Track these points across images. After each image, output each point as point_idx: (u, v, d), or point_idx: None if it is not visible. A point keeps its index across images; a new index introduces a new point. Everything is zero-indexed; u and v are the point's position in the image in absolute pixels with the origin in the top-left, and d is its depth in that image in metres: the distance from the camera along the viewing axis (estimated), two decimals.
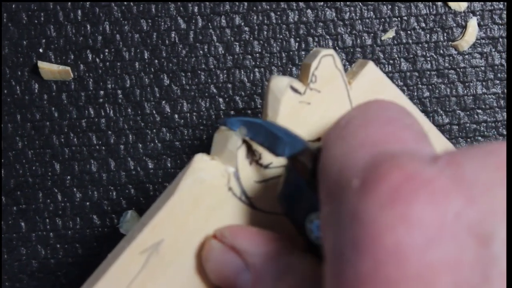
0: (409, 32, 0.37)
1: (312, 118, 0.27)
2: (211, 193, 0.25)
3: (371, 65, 0.28)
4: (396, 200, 0.18)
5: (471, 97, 0.37)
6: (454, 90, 0.37)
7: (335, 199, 0.20)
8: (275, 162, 0.26)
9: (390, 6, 0.37)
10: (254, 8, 0.37)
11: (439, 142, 0.29)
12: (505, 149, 0.18)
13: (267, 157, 0.26)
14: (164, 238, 0.24)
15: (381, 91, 0.28)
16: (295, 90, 0.26)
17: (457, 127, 0.37)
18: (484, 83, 0.37)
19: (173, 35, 0.37)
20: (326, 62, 0.27)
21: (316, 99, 0.27)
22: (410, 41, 0.37)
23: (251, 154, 0.26)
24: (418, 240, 0.17)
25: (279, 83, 0.26)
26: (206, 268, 0.25)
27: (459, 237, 0.17)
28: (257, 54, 0.37)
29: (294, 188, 0.24)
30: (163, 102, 0.37)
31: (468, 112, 0.37)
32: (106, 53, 0.37)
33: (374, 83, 0.28)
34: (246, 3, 0.37)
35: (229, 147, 0.25)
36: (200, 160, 0.25)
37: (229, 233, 0.25)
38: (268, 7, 0.37)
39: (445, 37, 0.37)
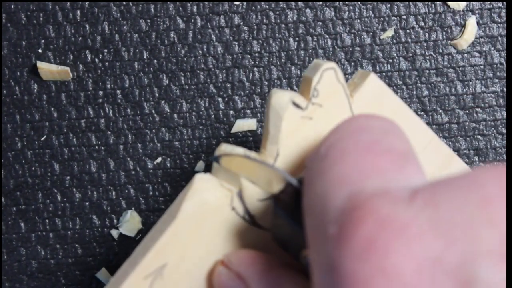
0: (408, 31, 0.37)
1: (315, 133, 0.26)
2: (214, 214, 0.25)
3: (372, 76, 0.27)
4: (372, 251, 0.17)
5: (470, 96, 0.37)
6: (453, 89, 0.37)
7: (317, 241, 0.19)
8: None
9: (389, 5, 0.37)
10: (253, 7, 0.37)
11: (441, 152, 0.29)
12: (490, 179, 0.17)
13: None
14: (168, 262, 0.24)
15: (384, 102, 0.28)
16: (296, 105, 0.25)
17: (456, 125, 0.37)
18: (483, 81, 0.37)
19: (172, 35, 0.37)
20: (327, 76, 0.26)
21: (318, 113, 0.26)
22: (409, 40, 0.37)
23: None
24: None
25: (281, 99, 0.25)
26: None
27: (439, 284, 0.16)
28: (256, 54, 0.37)
29: (282, 226, 0.23)
30: (162, 102, 0.37)
31: (467, 111, 0.37)
32: (105, 53, 0.37)
33: (376, 94, 0.27)
34: (245, 3, 0.37)
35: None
36: (201, 180, 0.25)
37: (235, 260, 0.24)
38: (267, 6, 0.37)
39: (444, 36, 0.37)
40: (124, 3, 0.37)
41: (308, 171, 0.22)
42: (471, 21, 0.37)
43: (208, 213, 0.25)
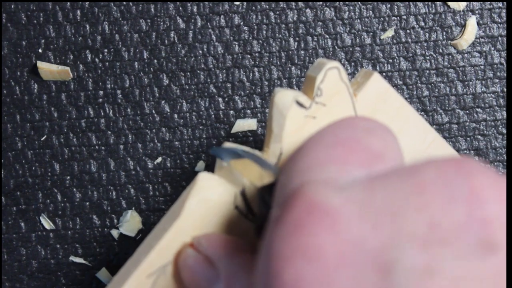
0: (408, 31, 0.37)
1: None
2: (217, 212, 0.25)
3: (376, 76, 0.27)
4: (298, 231, 0.17)
5: (470, 96, 0.37)
6: (453, 89, 0.37)
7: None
8: None
9: (389, 5, 0.37)
10: (253, 7, 0.37)
11: (443, 152, 0.28)
12: (428, 167, 0.18)
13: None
14: (171, 260, 0.24)
15: (387, 102, 0.28)
16: (300, 104, 0.25)
17: (456, 126, 0.37)
18: (483, 81, 0.37)
19: (172, 35, 0.37)
20: (331, 75, 0.26)
21: (321, 113, 0.26)
22: (410, 40, 0.37)
23: None
24: (316, 274, 0.17)
25: (284, 98, 0.25)
26: (181, 276, 0.25)
27: (360, 268, 0.16)
28: (256, 54, 0.37)
29: (265, 218, 0.23)
30: (163, 102, 0.37)
31: (467, 111, 0.37)
32: (105, 53, 0.37)
33: (380, 94, 0.27)
34: (245, 3, 0.37)
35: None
36: (204, 179, 0.25)
37: (205, 242, 0.24)
38: (267, 6, 0.37)
39: (444, 36, 0.37)
40: (124, 3, 0.37)
41: (287, 160, 0.22)
42: (471, 21, 0.37)
43: (212, 212, 0.25)
